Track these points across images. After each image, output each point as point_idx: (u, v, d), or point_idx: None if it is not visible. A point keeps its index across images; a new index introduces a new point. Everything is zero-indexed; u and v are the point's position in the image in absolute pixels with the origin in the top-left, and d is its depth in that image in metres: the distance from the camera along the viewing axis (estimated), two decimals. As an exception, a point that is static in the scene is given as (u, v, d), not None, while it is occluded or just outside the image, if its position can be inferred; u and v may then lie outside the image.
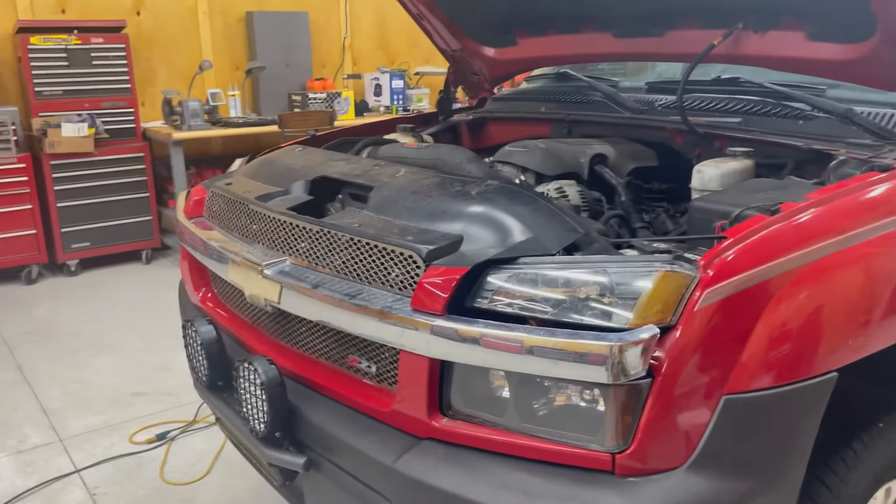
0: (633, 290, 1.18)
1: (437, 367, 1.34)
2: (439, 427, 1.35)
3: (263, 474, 1.84)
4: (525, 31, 2.61)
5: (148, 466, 2.86)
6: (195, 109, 5.54)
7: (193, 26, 6.23)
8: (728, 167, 1.77)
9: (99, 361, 3.86)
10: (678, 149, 2.16)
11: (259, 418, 1.57)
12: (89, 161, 5.31)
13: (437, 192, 1.59)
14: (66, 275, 5.38)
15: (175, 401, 3.39)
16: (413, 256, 1.40)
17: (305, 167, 1.93)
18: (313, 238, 1.61)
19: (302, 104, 6.21)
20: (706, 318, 1.17)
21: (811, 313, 1.27)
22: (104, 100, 5.39)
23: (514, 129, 2.70)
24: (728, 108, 2.07)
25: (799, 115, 1.90)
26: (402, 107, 6.80)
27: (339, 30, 7.02)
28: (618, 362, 1.12)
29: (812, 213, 1.34)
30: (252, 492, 2.68)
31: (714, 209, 1.50)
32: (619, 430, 1.19)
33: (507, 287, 1.28)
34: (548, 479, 1.22)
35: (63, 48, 5.19)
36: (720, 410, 1.18)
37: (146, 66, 6.05)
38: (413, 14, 2.74)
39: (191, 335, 1.84)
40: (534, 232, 1.40)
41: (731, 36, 1.96)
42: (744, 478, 1.22)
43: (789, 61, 1.91)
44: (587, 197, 2.00)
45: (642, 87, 2.47)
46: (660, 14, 2.14)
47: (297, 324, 1.71)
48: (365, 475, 1.43)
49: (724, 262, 1.20)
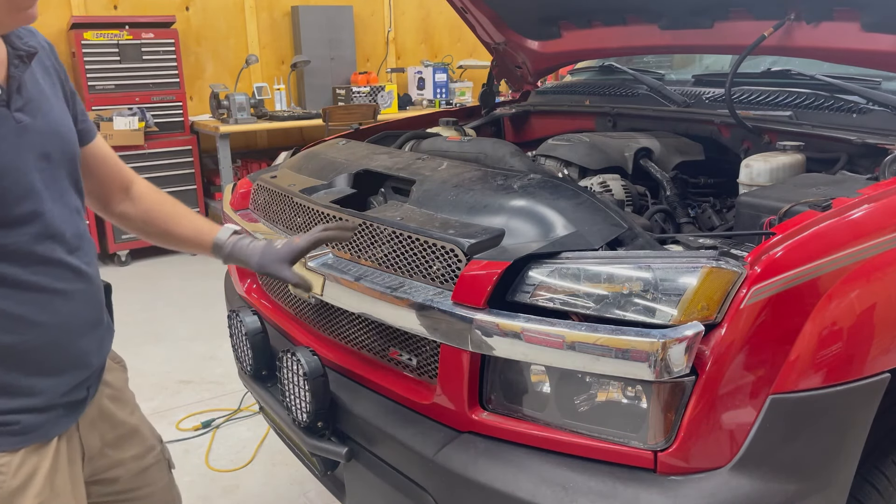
0: (678, 286, 1.16)
1: (477, 360, 1.34)
2: (479, 421, 1.35)
3: (305, 464, 1.87)
4: (570, 24, 2.59)
5: (194, 453, 2.93)
6: (241, 103, 5.62)
7: (240, 21, 6.32)
8: (777, 162, 1.73)
9: (148, 349, 3.95)
10: (726, 143, 2.12)
11: (302, 408, 1.59)
12: (139, 154, 5.43)
13: (480, 185, 1.58)
14: (116, 265, 5.53)
15: (220, 389, 3.46)
16: (454, 250, 1.40)
17: (349, 160, 1.95)
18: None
19: (346, 98, 6.26)
20: (753, 316, 1.14)
21: (863, 312, 1.24)
22: (154, 94, 5.50)
23: (558, 123, 2.69)
24: (778, 101, 2.02)
25: (853, 108, 1.84)
26: (445, 100, 6.80)
27: (383, 24, 7.05)
28: (661, 359, 1.10)
29: (865, 209, 1.30)
30: (294, 480, 2.72)
31: (762, 204, 1.47)
32: (662, 427, 1.17)
33: (548, 282, 1.28)
34: (588, 475, 1.21)
35: (115, 43, 5.32)
36: (766, 410, 1.16)
37: (194, 61, 6.16)
38: (457, 7, 2.74)
39: (236, 325, 1.87)
40: (576, 226, 1.39)
41: (782, 27, 1.91)
42: (790, 480, 1.19)
43: (843, 53, 1.86)
44: (631, 191, 1.97)
45: (689, 79, 2.43)
46: (708, 5, 2.10)
47: (340, 316, 1.72)
48: (405, 467, 1.44)
49: (773, 258, 1.17)
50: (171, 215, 1.51)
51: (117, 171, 1.47)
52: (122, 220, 1.50)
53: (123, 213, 1.49)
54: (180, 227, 1.51)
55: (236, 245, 1.49)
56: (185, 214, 1.52)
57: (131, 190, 1.49)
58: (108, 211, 1.49)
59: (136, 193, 1.49)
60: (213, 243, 1.50)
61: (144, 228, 1.51)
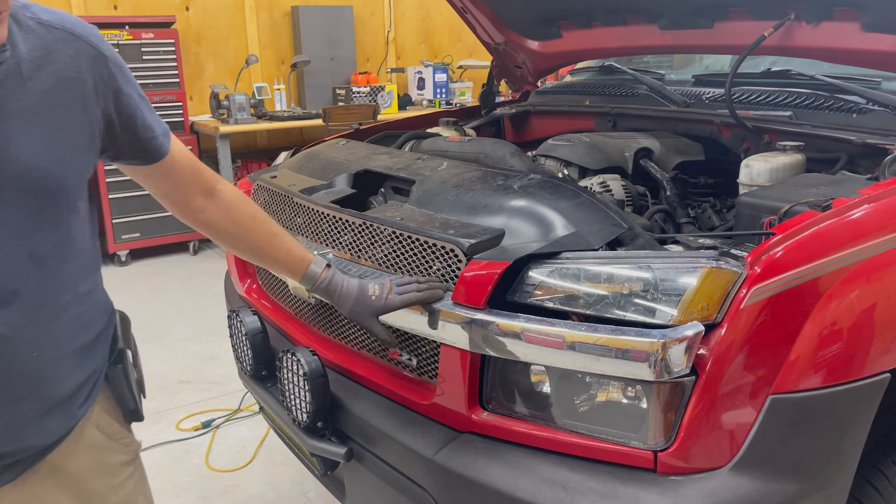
0: (678, 286, 1.16)
1: (477, 360, 1.34)
2: (479, 421, 1.35)
3: (305, 464, 1.87)
4: (570, 24, 2.59)
5: (194, 453, 2.93)
6: (241, 103, 5.62)
7: (240, 21, 6.32)
8: (777, 162, 1.73)
9: (148, 349, 3.92)
10: (726, 143, 2.12)
11: (301, 408, 1.59)
12: (139, 154, 5.42)
13: (480, 185, 1.58)
14: (116, 265, 5.53)
15: (220, 389, 3.46)
16: (454, 250, 1.40)
17: (349, 161, 1.95)
18: (356, 231, 1.63)
19: (346, 98, 6.26)
20: (753, 316, 1.14)
21: (863, 313, 1.24)
22: (154, 94, 5.50)
23: (558, 123, 2.69)
24: (778, 101, 2.02)
25: (853, 108, 1.84)
26: (445, 100, 6.80)
27: (383, 24, 7.05)
28: (661, 359, 1.10)
29: (865, 209, 1.30)
30: (294, 480, 2.72)
31: (762, 204, 1.47)
32: (662, 427, 1.17)
33: (548, 282, 1.28)
34: (588, 475, 1.21)
35: (115, 43, 5.31)
36: (766, 410, 1.16)
37: (194, 61, 6.16)
38: (457, 7, 2.74)
39: (236, 325, 1.87)
40: (576, 227, 1.39)
41: (782, 27, 1.91)
42: (790, 479, 1.19)
43: (843, 53, 1.86)
44: (631, 191, 1.97)
45: (689, 79, 2.43)
46: (708, 5, 2.10)
47: (340, 316, 1.72)
48: (405, 467, 1.44)
49: (773, 258, 1.17)
50: (262, 232, 1.39)
51: (194, 176, 1.31)
52: (208, 229, 1.36)
53: (209, 221, 1.35)
54: (270, 245, 1.40)
55: (332, 282, 1.43)
56: (277, 233, 1.41)
57: (215, 195, 1.34)
58: (191, 217, 1.35)
59: (222, 200, 1.35)
60: (307, 273, 1.43)
61: (232, 241, 1.41)
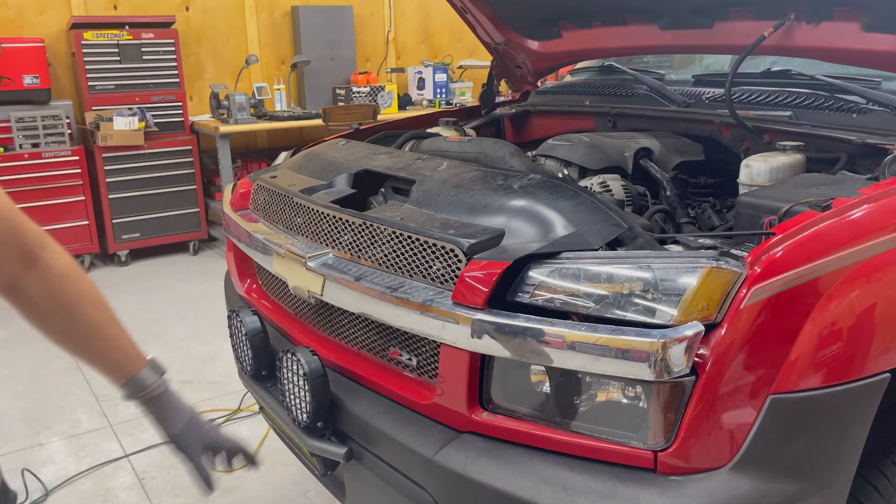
0: (678, 286, 1.16)
1: (477, 360, 1.34)
2: (479, 421, 1.35)
3: (305, 464, 1.87)
4: (570, 24, 2.59)
5: (194, 453, 2.92)
6: (241, 103, 5.62)
7: (240, 21, 6.32)
8: (777, 162, 1.73)
9: (148, 350, 3.94)
10: (726, 143, 2.12)
11: (301, 408, 1.59)
12: (139, 154, 5.43)
13: (479, 185, 1.58)
14: (116, 265, 5.53)
15: (220, 389, 3.46)
16: (454, 250, 1.40)
17: (349, 161, 1.95)
18: (356, 231, 1.63)
19: (346, 98, 6.26)
20: (753, 316, 1.14)
21: (863, 313, 1.24)
22: (154, 94, 5.51)
23: (558, 123, 2.69)
24: (778, 101, 2.02)
25: (852, 108, 1.84)
26: (445, 100, 6.80)
27: (383, 24, 7.05)
28: (661, 359, 1.10)
29: (865, 209, 1.30)
30: (294, 480, 2.72)
31: (762, 204, 1.47)
32: (662, 427, 1.17)
33: (548, 282, 1.28)
34: (588, 475, 1.21)
35: (115, 43, 5.32)
36: (766, 410, 1.16)
37: (194, 61, 6.16)
38: (457, 7, 2.74)
39: (236, 325, 1.87)
40: (576, 226, 1.39)
41: (782, 27, 1.91)
42: (790, 480, 1.19)
43: (843, 53, 1.86)
44: (631, 191, 1.97)
45: (689, 79, 2.43)
46: (708, 5, 2.10)
47: (340, 316, 1.72)
48: (405, 467, 1.44)
49: (773, 258, 1.17)
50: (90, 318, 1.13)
51: (10, 236, 1.02)
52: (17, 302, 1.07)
53: (19, 293, 1.06)
54: (98, 335, 1.15)
55: (165, 394, 1.24)
56: (109, 323, 1.16)
57: (37, 264, 1.07)
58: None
59: (46, 272, 1.07)
60: (138, 376, 1.20)
61: (46, 322, 1.10)
